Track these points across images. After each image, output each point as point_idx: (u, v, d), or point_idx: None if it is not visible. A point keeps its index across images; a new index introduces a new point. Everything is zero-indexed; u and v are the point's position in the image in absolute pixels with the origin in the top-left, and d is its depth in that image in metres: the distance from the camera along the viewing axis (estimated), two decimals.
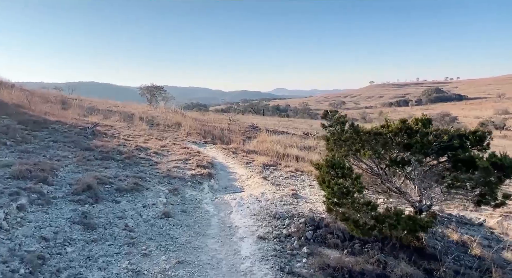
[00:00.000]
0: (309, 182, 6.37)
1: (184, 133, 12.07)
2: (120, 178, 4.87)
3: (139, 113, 15.50)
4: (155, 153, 7.14)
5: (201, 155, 7.66)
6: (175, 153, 7.51)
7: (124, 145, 7.45)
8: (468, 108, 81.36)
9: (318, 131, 26.42)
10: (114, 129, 10.05)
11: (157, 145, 8.03)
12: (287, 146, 13.50)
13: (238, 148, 9.99)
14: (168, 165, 6.15)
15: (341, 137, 3.38)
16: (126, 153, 6.41)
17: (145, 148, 7.50)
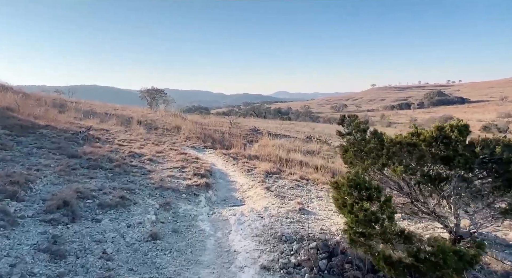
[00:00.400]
0: (316, 193, 5.75)
1: (183, 137, 11.52)
2: (106, 191, 4.28)
3: (138, 117, 14.97)
4: (150, 160, 6.56)
5: (199, 161, 7.07)
6: (171, 159, 6.93)
7: (116, 151, 6.88)
8: (471, 111, 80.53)
9: (321, 134, 25.86)
10: (110, 134, 9.51)
11: (153, 151, 7.46)
12: (290, 150, 12.91)
13: (239, 153, 9.40)
14: (162, 174, 5.56)
15: (363, 148, 2.78)
16: (117, 160, 5.83)
17: (139, 154, 6.92)
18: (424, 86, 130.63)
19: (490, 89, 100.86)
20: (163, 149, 8.10)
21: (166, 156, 7.25)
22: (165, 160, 6.85)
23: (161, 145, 8.86)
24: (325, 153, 14.98)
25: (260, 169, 7.06)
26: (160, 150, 7.79)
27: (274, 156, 10.86)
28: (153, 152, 7.40)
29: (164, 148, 8.32)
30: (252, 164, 7.71)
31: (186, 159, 6.99)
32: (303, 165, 10.71)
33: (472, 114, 73.86)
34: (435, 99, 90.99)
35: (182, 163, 6.57)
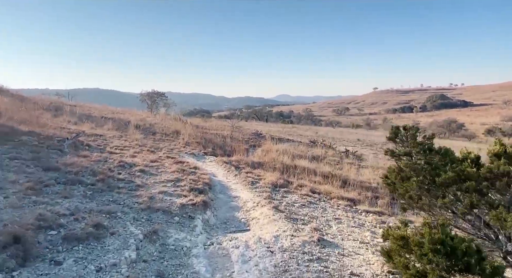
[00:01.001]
0: (332, 212, 4.87)
1: (182, 143, 10.68)
2: (78, 216, 3.42)
3: (137, 121, 14.16)
4: (141, 172, 5.69)
5: (198, 172, 6.19)
6: (166, 170, 6.06)
7: (105, 160, 6.03)
8: (474, 114, 79.54)
9: (324, 138, 24.98)
10: (103, 139, 8.69)
11: (146, 160, 6.60)
12: (294, 156, 12.03)
13: (241, 160, 8.54)
14: (153, 190, 4.70)
15: (435, 177, 1.91)
16: (102, 173, 4.97)
17: (130, 164, 6.06)
18: (427, 89, 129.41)
19: (493, 93, 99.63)
20: (159, 157, 7.24)
21: (160, 166, 6.38)
22: (159, 171, 5.98)
23: (157, 152, 8.02)
24: (331, 158, 14.09)
25: (266, 181, 6.18)
26: (155, 158, 6.93)
27: (278, 162, 10.02)
28: (146, 161, 6.55)
29: (160, 156, 7.47)
30: (256, 174, 6.83)
31: (183, 170, 6.11)
32: (310, 173, 9.87)
33: (475, 118, 72.87)
34: (438, 102, 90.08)
35: (178, 175, 5.70)
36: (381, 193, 9.04)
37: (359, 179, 10.27)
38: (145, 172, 5.75)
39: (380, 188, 9.34)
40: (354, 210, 5.13)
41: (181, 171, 5.99)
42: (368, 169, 13.06)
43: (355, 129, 54.59)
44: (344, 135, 35.85)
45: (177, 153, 8.65)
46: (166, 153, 8.24)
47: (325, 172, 9.98)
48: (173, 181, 5.32)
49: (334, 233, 3.95)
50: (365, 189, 9.18)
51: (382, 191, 9.19)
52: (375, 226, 4.38)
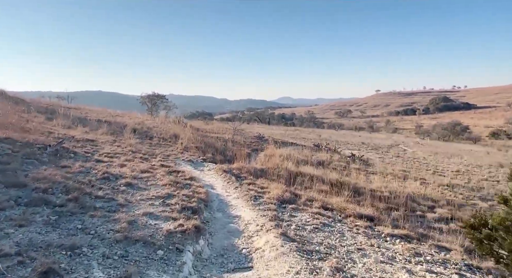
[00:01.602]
0: (352, 239, 3.97)
1: (180, 148, 9.83)
2: (27, 256, 2.56)
3: (134, 124, 13.35)
4: (127, 185, 4.84)
5: (193, 184, 5.33)
6: (157, 183, 5.20)
7: (87, 172, 5.18)
8: (478, 117, 78.24)
9: (328, 141, 24.09)
10: (93, 145, 7.86)
11: (136, 170, 5.72)
12: (299, 161, 11.13)
13: (243, 168, 7.67)
14: (136, 210, 3.83)
15: None
16: (78, 189, 4.11)
17: (117, 176, 5.20)
18: (429, 91, 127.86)
19: (497, 95, 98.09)
20: (151, 166, 6.37)
21: (151, 177, 5.51)
22: (149, 184, 5.12)
23: (150, 160, 7.17)
24: (337, 163, 13.20)
25: (270, 195, 5.29)
26: (146, 168, 6.06)
27: (283, 169, 9.15)
28: (136, 171, 5.68)
29: (153, 164, 6.60)
30: (260, 186, 5.93)
31: (176, 182, 5.24)
32: (317, 181, 9.02)
33: (479, 120, 71.58)
34: (441, 104, 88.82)
35: (170, 189, 4.83)
36: (394, 203, 8.12)
37: (370, 187, 9.36)
38: (132, 186, 4.89)
39: (393, 198, 8.43)
40: (377, 235, 4.24)
41: (174, 183, 5.12)
42: (377, 176, 12.14)
43: (358, 132, 53.64)
44: (347, 138, 34.91)
45: (173, 160, 7.81)
46: (160, 160, 7.40)
47: (332, 179, 9.10)
48: (163, 198, 4.45)
49: (362, 274, 3.05)
50: (378, 199, 8.27)
51: (396, 200, 8.28)
52: (409, 260, 3.49)
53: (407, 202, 8.28)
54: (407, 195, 8.76)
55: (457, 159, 20.86)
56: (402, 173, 13.14)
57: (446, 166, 17.17)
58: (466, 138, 53.23)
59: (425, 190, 9.80)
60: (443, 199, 9.31)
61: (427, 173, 14.22)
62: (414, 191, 9.42)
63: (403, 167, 15.28)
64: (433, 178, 12.79)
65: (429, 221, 7.22)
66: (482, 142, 49.97)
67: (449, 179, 13.02)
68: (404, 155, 21.13)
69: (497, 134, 58.50)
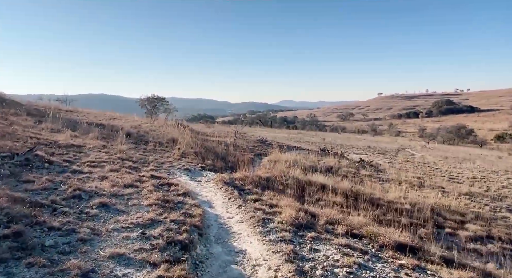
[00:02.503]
0: None
1: (177, 154, 8.88)
2: None
3: (131, 127, 12.45)
4: (101, 207, 3.77)
5: (187, 203, 4.29)
6: (140, 203, 4.14)
7: (55, 188, 4.13)
8: (481, 120, 76.99)
9: (333, 145, 23.09)
10: (77, 152, 6.95)
11: (119, 185, 4.66)
12: (306, 168, 10.15)
13: (246, 178, 6.71)
14: (101, 250, 2.71)
15: None
16: (25, 217, 3.02)
17: (91, 193, 4.14)
18: (432, 94, 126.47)
19: (500, 98, 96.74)
20: (140, 177, 5.40)
21: (135, 194, 4.43)
22: (130, 204, 4.06)
23: (140, 169, 6.22)
24: (346, 169, 12.21)
25: (282, 216, 4.24)
26: (132, 180, 5.02)
27: (290, 178, 8.20)
28: (118, 185, 4.64)
29: (142, 175, 5.64)
30: (268, 203, 4.91)
31: (165, 200, 4.25)
32: (328, 191, 8.06)
33: (483, 123, 70.33)
34: (444, 107, 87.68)
35: (156, 212, 3.78)
36: (418, 217, 7.14)
37: (387, 197, 8.39)
38: (108, 207, 3.84)
39: (416, 211, 7.45)
40: None
41: (162, 203, 4.12)
42: (391, 184, 11.15)
43: (361, 135, 52.63)
44: (352, 141, 33.88)
45: (167, 169, 6.87)
46: (152, 169, 6.46)
47: (345, 188, 8.13)
48: (144, 227, 3.39)
49: None
50: (399, 213, 7.30)
51: (419, 214, 7.29)
52: None
53: (432, 216, 7.30)
54: (431, 207, 7.78)
55: (469, 164, 19.81)
56: (417, 180, 12.14)
57: (460, 172, 16.12)
58: (471, 141, 52.03)
59: (448, 201, 8.79)
60: (469, 211, 8.32)
61: (443, 180, 13.20)
62: (437, 203, 8.41)
63: (416, 173, 14.27)
64: (450, 186, 11.77)
65: (462, 240, 6.24)
66: (488, 145, 48.74)
67: (467, 187, 11.99)
68: (414, 160, 20.11)
69: (502, 137, 57.24)
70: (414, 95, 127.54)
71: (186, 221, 3.56)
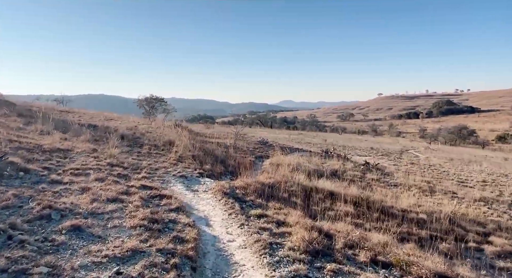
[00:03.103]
0: None
1: (173, 158, 8.21)
2: None
3: (126, 129, 11.77)
4: (72, 231, 3.03)
5: (180, 222, 3.50)
6: (122, 224, 3.39)
7: (19, 206, 3.33)
8: (482, 120, 76.39)
9: (335, 146, 22.44)
10: (62, 158, 6.29)
11: (100, 199, 3.86)
12: (311, 173, 9.47)
13: (248, 187, 6.05)
14: None
15: None
16: None
17: (64, 211, 3.41)
18: (432, 95, 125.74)
19: (501, 98, 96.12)
20: (127, 188, 4.70)
21: (119, 211, 3.73)
22: (110, 225, 3.31)
23: (131, 178, 5.55)
24: (351, 173, 11.55)
25: (293, 240, 3.47)
26: (117, 193, 4.27)
27: (295, 184, 7.54)
28: (100, 200, 3.86)
29: (130, 185, 4.95)
30: (273, 218, 4.17)
31: (153, 220, 3.48)
32: (337, 199, 7.45)
33: (483, 124, 69.72)
34: (444, 108, 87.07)
35: (140, 238, 3.04)
36: (436, 229, 6.47)
37: (400, 205, 7.73)
38: (81, 231, 3.08)
39: (433, 221, 6.79)
40: None
41: (150, 223, 3.39)
42: (400, 189, 10.50)
43: (361, 136, 52.00)
44: (353, 142, 33.23)
45: (161, 177, 6.20)
46: (144, 177, 5.79)
47: (354, 195, 7.48)
48: (122, 261, 2.65)
49: None
50: (415, 224, 6.64)
51: (436, 226, 6.63)
52: None
53: (452, 228, 6.63)
54: (448, 217, 7.11)
55: (476, 166, 19.17)
56: (426, 185, 11.47)
57: (468, 175, 15.47)
58: (472, 142, 51.38)
59: (465, 210, 8.12)
60: (489, 220, 7.66)
61: (452, 184, 12.54)
62: (453, 211, 7.75)
63: (423, 176, 13.61)
64: (461, 191, 11.11)
65: (488, 256, 5.57)
66: (490, 146, 48.09)
67: (480, 192, 11.32)
68: (419, 162, 19.46)
69: (504, 138, 56.63)
70: (414, 96, 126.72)
71: (176, 251, 2.86)
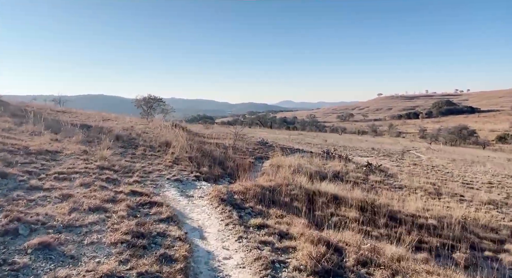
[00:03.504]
0: None
1: (169, 160, 7.78)
2: None
3: (122, 129, 11.34)
4: (40, 249, 2.55)
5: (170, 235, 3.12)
6: (101, 241, 2.88)
7: None
8: (482, 121, 76.04)
9: (336, 147, 22.01)
10: (47, 160, 5.86)
11: (81, 208, 3.47)
12: (313, 175, 9.06)
13: (247, 191, 5.63)
14: None
15: None
16: None
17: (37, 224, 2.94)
18: (432, 95, 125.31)
19: (501, 98, 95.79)
20: (114, 195, 4.25)
21: (101, 223, 3.24)
22: (87, 242, 2.83)
23: (120, 182, 5.13)
24: (353, 175, 11.14)
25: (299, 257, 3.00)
26: (100, 201, 3.75)
27: (297, 188, 7.14)
28: (80, 209, 3.38)
29: (119, 191, 4.51)
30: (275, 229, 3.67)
31: (139, 234, 2.98)
32: (342, 203, 7.06)
33: (483, 124, 69.34)
34: (444, 108, 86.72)
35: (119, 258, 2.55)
36: (448, 236, 6.05)
37: (407, 210, 7.32)
38: (50, 251, 2.57)
39: (443, 227, 6.39)
40: None
41: (134, 237, 2.85)
42: (406, 191, 10.09)
43: (362, 136, 51.57)
44: (354, 142, 32.82)
45: (154, 181, 5.77)
46: (136, 181, 5.37)
47: (358, 199, 7.07)
48: None
49: None
50: (425, 230, 6.22)
51: (448, 232, 6.21)
52: None
53: (464, 235, 6.21)
54: (459, 222, 6.69)
55: (479, 167, 18.76)
56: (431, 187, 11.05)
57: (473, 176, 15.05)
58: (472, 142, 50.96)
59: (475, 214, 7.70)
60: (502, 226, 7.24)
61: (457, 186, 12.13)
62: (464, 216, 7.32)
63: (427, 177, 13.20)
64: (468, 193, 10.70)
65: (506, 267, 5.16)
66: (491, 146, 47.68)
67: (487, 194, 10.90)
68: (421, 163, 19.05)
69: (504, 138, 56.23)
70: (414, 96, 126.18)
71: (161, 275, 2.40)
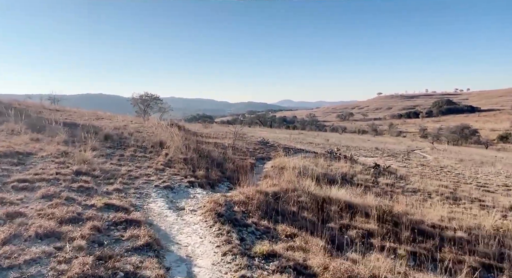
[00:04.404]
0: None
1: (162, 162, 6.85)
2: None
3: (113, 128, 10.39)
4: None
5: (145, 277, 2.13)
6: None
7: None
8: (482, 120, 75.27)
9: (338, 146, 21.11)
10: (16, 163, 4.97)
11: (23, 236, 2.41)
12: (320, 178, 8.09)
13: (249, 202, 4.72)
14: None
15: None
16: None
17: None
18: (432, 94, 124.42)
19: (501, 98, 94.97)
20: (81, 211, 3.30)
21: (44, 260, 2.28)
22: None
23: (95, 192, 4.21)
24: (361, 177, 10.24)
25: None
26: (58, 222, 2.62)
27: (304, 193, 6.24)
28: (22, 238, 2.42)
29: (90, 204, 3.59)
30: (290, 262, 2.75)
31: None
32: (356, 212, 6.17)
33: (484, 123, 68.57)
34: (444, 107, 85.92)
35: None
36: (484, 253, 5.09)
37: (430, 219, 6.37)
38: None
39: (477, 241, 5.45)
40: None
41: None
42: (421, 195, 9.19)
43: (363, 135, 50.75)
44: (356, 142, 31.97)
45: (140, 188, 4.85)
46: (116, 190, 4.45)
47: (373, 205, 6.15)
48: None
49: None
50: (457, 246, 5.23)
51: (484, 248, 5.26)
52: None
53: (503, 251, 5.28)
54: (493, 235, 5.75)
55: (490, 167, 17.89)
56: (446, 190, 10.14)
57: (485, 177, 14.15)
58: (474, 141, 50.13)
59: (506, 222, 6.77)
60: None
61: (472, 188, 11.22)
62: (495, 226, 6.39)
63: (439, 179, 12.31)
64: (487, 197, 9.78)
65: None
66: (494, 146, 46.86)
67: (507, 198, 10.01)
68: (428, 163, 18.17)
69: (506, 138, 55.41)
70: (413, 95, 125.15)
71: None
